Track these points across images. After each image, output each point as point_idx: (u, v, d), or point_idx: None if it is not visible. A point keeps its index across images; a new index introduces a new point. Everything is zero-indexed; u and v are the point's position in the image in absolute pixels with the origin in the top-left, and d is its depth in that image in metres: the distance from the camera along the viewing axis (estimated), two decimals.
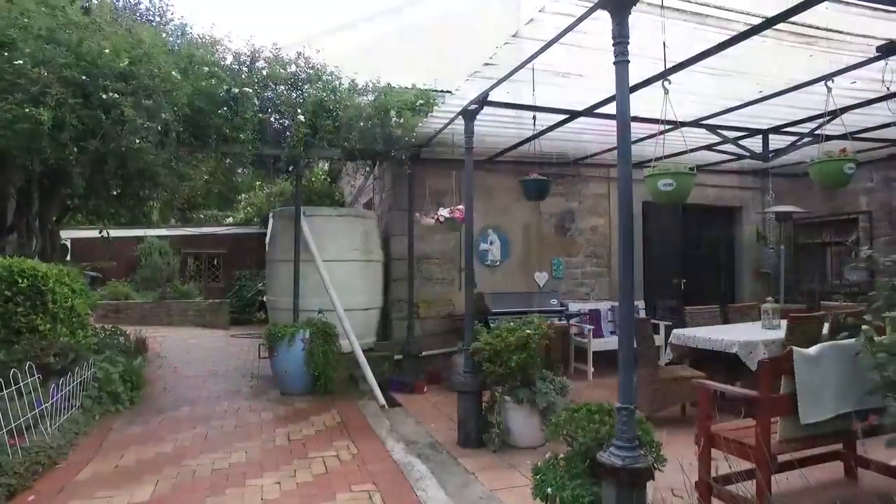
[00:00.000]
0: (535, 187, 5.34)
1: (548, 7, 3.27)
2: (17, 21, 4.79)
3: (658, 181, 3.09)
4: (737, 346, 5.22)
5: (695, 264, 9.46)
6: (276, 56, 6.36)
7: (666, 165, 3.27)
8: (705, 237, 9.74)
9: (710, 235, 9.80)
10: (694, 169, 3.20)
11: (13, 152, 4.77)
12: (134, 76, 4.98)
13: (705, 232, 9.72)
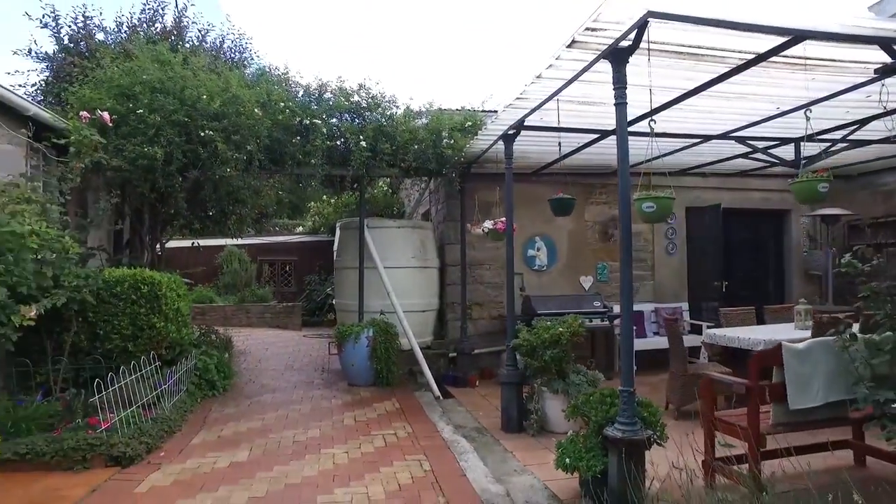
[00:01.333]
0: (559, 204, 5.96)
1: (563, 55, 3.91)
2: (138, 78, 5.89)
3: (642, 204, 3.69)
4: (762, 344, 5.61)
5: (742, 267, 9.69)
6: (340, 88, 7.26)
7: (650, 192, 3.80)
8: (752, 240, 9.95)
9: (758, 238, 10.00)
10: (672, 193, 3.76)
11: (134, 182, 5.87)
12: (225, 115, 5.98)
13: (752, 235, 9.92)
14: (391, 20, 45.41)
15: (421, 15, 41.62)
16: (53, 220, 4.69)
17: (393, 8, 41.44)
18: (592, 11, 3.36)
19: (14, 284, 4.01)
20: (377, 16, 43.36)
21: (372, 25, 44.44)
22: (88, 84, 6.26)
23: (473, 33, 49.75)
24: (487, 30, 47.92)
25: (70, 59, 8.82)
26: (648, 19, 3.30)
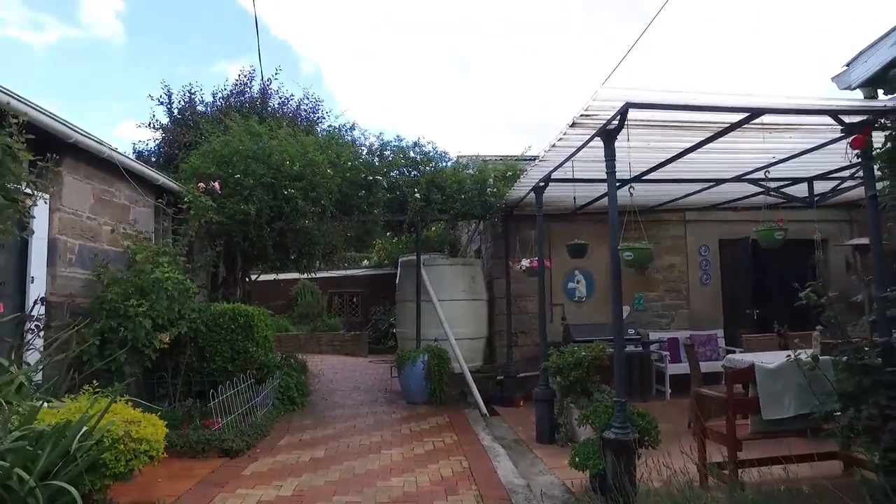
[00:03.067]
0: (574, 249, 6.93)
1: (568, 132, 4.91)
2: (235, 148, 7.36)
3: (623, 252, 4.57)
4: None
5: (778, 296, 10.14)
6: (398, 146, 8.53)
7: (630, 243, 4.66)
8: (789, 269, 10.36)
9: (795, 268, 10.41)
10: (648, 244, 4.63)
11: (232, 233, 7.27)
12: (303, 176, 7.34)
13: (788, 265, 10.35)
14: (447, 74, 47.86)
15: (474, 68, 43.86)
16: (179, 267, 6.06)
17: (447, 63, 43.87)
18: (586, 101, 4.37)
19: (155, 317, 5.36)
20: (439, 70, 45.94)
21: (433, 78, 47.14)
22: (197, 155, 7.79)
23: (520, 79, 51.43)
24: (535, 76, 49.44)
25: (179, 129, 10.65)
26: (628, 108, 4.26)
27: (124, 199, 6.55)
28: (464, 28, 39.76)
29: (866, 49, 4.64)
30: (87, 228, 5.88)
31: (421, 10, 39.58)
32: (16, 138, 3.97)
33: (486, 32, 42.00)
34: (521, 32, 45.95)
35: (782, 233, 4.96)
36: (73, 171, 5.61)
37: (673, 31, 38.55)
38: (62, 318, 5.26)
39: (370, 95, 48.23)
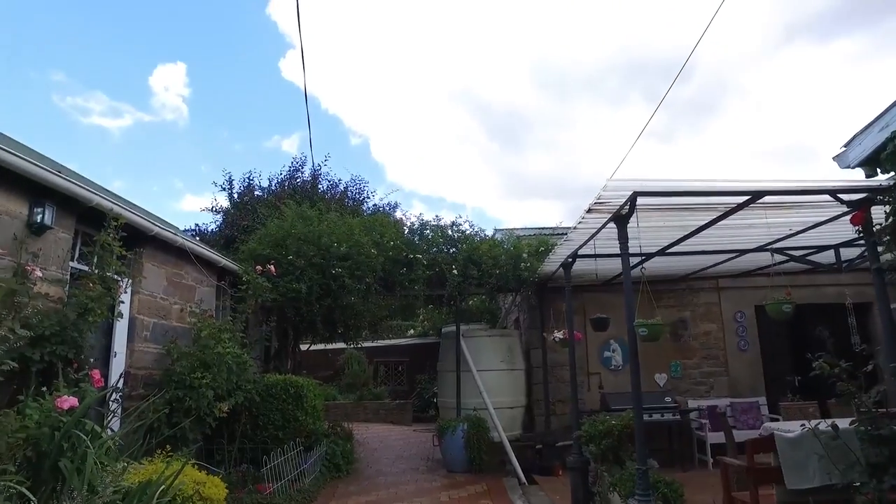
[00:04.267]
0: (598, 322, 7.21)
1: (586, 216, 5.41)
2: (288, 231, 8.16)
3: (638, 329, 4.88)
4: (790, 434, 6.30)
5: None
6: (437, 225, 9.19)
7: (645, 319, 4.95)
8: (832, 334, 10.25)
9: (839, 333, 10.30)
10: (660, 320, 4.95)
11: (285, 310, 7.95)
12: (349, 257, 8.04)
13: (832, 329, 10.24)
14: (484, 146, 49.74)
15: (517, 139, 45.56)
16: (237, 342, 6.70)
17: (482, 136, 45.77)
18: (599, 192, 4.87)
19: (216, 388, 5.96)
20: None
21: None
22: (254, 238, 8.64)
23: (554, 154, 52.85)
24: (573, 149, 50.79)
25: (238, 213, 11.73)
26: (636, 196, 4.75)
27: (191, 281, 7.34)
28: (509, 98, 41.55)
29: (859, 133, 5.02)
30: (161, 308, 6.64)
31: (466, 82, 41.75)
32: (113, 236, 4.78)
33: (531, 104, 43.84)
34: (565, 101, 47.65)
35: (790, 305, 5.21)
36: (151, 258, 6.44)
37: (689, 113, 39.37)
38: (137, 388, 5.93)
39: (417, 163, 50.39)
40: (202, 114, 39.72)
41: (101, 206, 4.95)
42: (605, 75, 38.29)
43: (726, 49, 32.40)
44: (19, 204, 4.45)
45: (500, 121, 43.96)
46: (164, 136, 39.10)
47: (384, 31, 39.16)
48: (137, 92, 39.19)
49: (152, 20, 34.30)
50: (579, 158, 49.99)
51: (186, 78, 39.33)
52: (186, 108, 39.32)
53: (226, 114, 42.59)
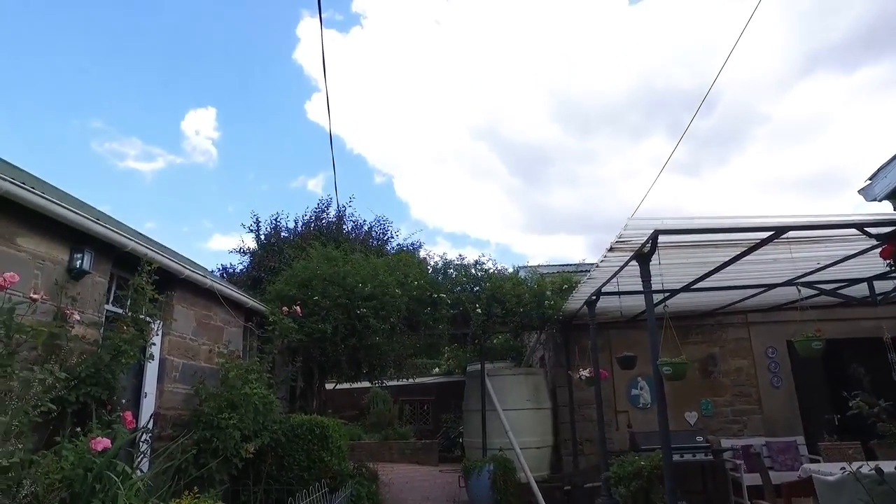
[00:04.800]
0: (624, 361, 7.11)
1: (608, 255, 5.43)
2: (314, 273, 8.31)
3: (662, 367, 4.83)
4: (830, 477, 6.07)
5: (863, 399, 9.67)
6: (461, 264, 9.26)
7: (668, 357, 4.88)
8: (871, 371, 9.91)
9: (879, 369, 9.96)
10: (685, 359, 4.89)
11: (310, 350, 8.03)
12: (374, 297, 8.12)
13: (869, 364, 9.91)
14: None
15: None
16: (264, 382, 6.78)
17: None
18: (620, 231, 4.90)
19: (242, 429, 6.01)
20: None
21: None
22: (281, 279, 8.80)
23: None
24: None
25: (265, 254, 12.01)
26: (657, 234, 4.76)
27: (220, 322, 7.49)
28: (531, 137, 42.02)
29: (884, 165, 4.98)
30: (189, 348, 6.77)
31: (487, 119, 42.36)
32: (146, 280, 4.95)
33: (553, 141, 44.25)
34: (587, 136, 47.97)
35: (820, 343, 5.10)
36: (181, 300, 6.61)
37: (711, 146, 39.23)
38: (166, 428, 6.02)
39: (440, 201, 50.94)
40: (230, 156, 41.07)
41: (136, 251, 5.15)
42: (627, 109, 38.56)
43: (748, 79, 32.47)
44: (61, 250, 4.66)
45: (521, 156, 44.35)
46: (194, 178, 40.43)
47: (406, 72, 40.20)
48: (170, 136, 40.79)
49: (185, 67, 35.90)
50: (602, 192, 50.02)
51: (216, 122, 40.84)
52: (216, 151, 40.70)
53: (253, 155, 43.94)
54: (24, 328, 3.71)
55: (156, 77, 34.53)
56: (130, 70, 31.81)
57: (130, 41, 32.81)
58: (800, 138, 49.30)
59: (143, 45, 33.79)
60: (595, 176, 47.29)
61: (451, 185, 49.87)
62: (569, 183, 50.66)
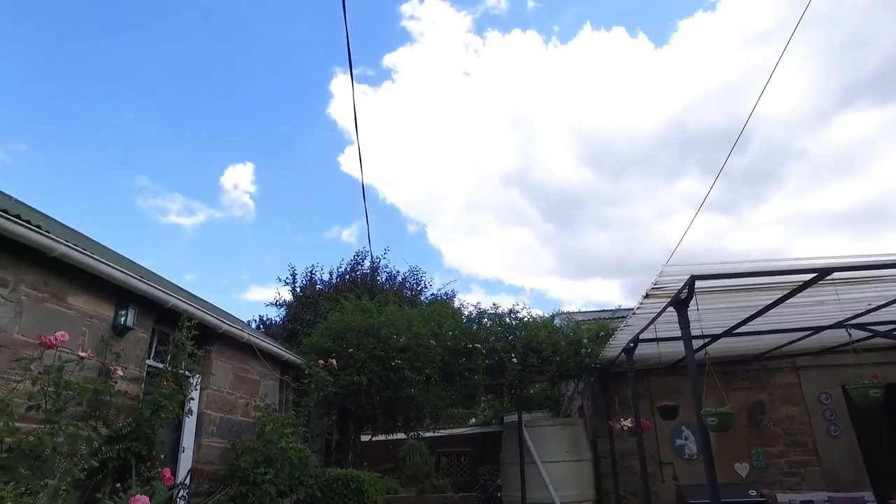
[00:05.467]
0: (666, 411, 6.84)
1: (644, 302, 5.32)
2: (349, 324, 8.37)
3: (706, 418, 4.63)
4: None
5: None
6: (495, 313, 9.20)
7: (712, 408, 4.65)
8: None
9: None
10: (729, 408, 4.69)
11: (345, 403, 8.01)
12: (409, 348, 8.11)
13: None
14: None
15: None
16: (300, 436, 6.76)
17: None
18: (656, 277, 4.82)
19: (278, 484, 5.97)
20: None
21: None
22: (316, 332, 8.88)
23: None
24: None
25: (301, 306, 12.20)
26: (694, 280, 4.66)
27: (256, 375, 7.56)
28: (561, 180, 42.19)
29: None
30: (227, 402, 6.83)
31: (518, 165, 42.80)
32: (186, 335, 5.07)
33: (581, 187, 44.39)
34: (619, 178, 47.97)
35: (878, 390, 4.83)
36: (219, 354, 6.71)
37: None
38: (203, 484, 6.02)
39: (473, 248, 51.08)
40: (267, 208, 42.31)
41: (177, 307, 5.29)
42: (658, 150, 38.51)
43: (781, 115, 32.15)
44: (107, 307, 4.83)
45: (553, 201, 44.44)
46: (232, 231, 41.70)
47: (436, 122, 41.22)
48: (210, 191, 42.39)
49: (225, 124, 37.61)
50: (637, 234, 49.45)
51: (254, 176, 42.33)
52: (253, 204, 42.03)
53: (289, 207, 45.23)
54: (71, 385, 3.82)
55: (197, 134, 36.24)
56: (174, 127, 33.48)
57: (174, 100, 34.65)
58: (841, 172, 48.15)
59: (186, 103, 35.64)
60: (629, 218, 46.88)
61: (484, 232, 50.11)
62: (602, 226, 50.31)
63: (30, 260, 4.06)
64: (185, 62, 31.93)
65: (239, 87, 36.05)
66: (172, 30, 30.79)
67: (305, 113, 41.31)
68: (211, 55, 32.78)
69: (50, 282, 4.27)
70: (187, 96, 34.44)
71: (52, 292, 4.28)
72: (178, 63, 31.68)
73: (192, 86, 32.32)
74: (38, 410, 3.65)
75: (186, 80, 31.93)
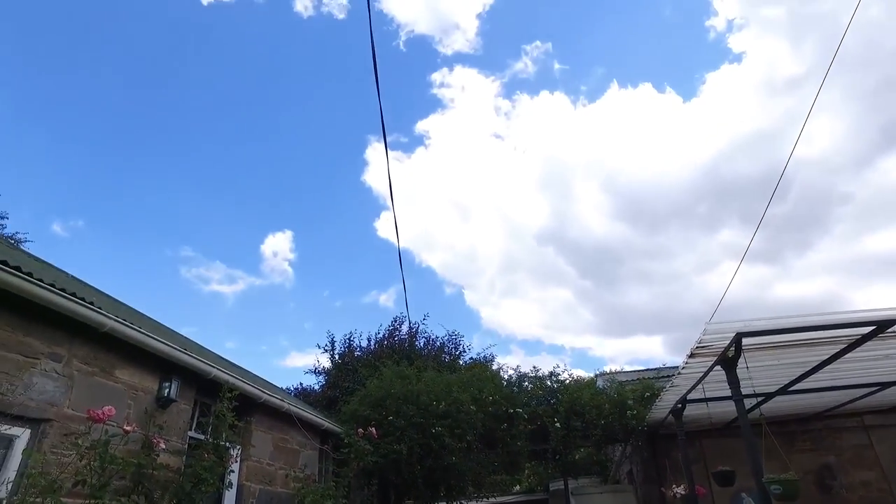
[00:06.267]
0: (722, 477, 6.46)
1: (689, 362, 5.14)
2: (388, 391, 8.29)
3: (770, 485, 4.34)
4: None
5: None
6: (536, 376, 9.02)
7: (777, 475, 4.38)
8: None
9: None
10: (794, 475, 4.39)
11: (386, 472, 7.82)
12: (449, 415, 7.96)
13: None
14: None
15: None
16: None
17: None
18: (700, 335, 4.67)
19: None
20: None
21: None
22: (355, 400, 8.82)
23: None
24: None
25: (339, 374, 12.19)
26: (741, 338, 4.50)
27: (296, 445, 7.49)
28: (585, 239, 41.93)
29: None
30: (266, 473, 6.75)
31: (552, 223, 42.81)
32: (227, 406, 5.10)
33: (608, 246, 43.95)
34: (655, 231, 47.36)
35: None
36: (259, 424, 6.71)
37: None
38: None
39: (510, 308, 50.59)
40: (306, 275, 43.14)
41: (219, 378, 5.36)
42: (694, 201, 38.05)
43: (820, 160, 31.58)
44: (151, 380, 4.92)
45: (590, 257, 44.04)
46: (272, 298, 42.47)
47: (469, 184, 41.91)
48: (250, 259, 43.58)
49: (265, 194, 39.04)
50: (678, 287, 48.28)
51: (292, 243, 43.46)
52: (292, 271, 42.95)
53: (327, 273, 46.04)
54: (116, 459, 3.86)
55: (238, 203, 37.66)
56: (217, 198, 34.89)
57: (217, 170, 36.22)
58: (892, 215, 46.48)
59: (226, 174, 37.21)
60: (669, 271, 45.90)
61: (521, 292, 49.73)
62: (642, 280, 49.35)
63: (83, 335, 4.21)
64: (225, 133, 33.62)
65: (278, 158, 37.65)
66: (213, 103, 32.66)
67: (342, 181, 42.69)
68: (249, 126, 34.49)
69: (99, 356, 4.40)
70: (228, 166, 36.08)
71: (100, 366, 4.40)
72: (219, 133, 33.39)
73: (232, 156, 33.93)
74: (84, 486, 3.68)
75: (227, 151, 33.55)
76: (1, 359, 3.60)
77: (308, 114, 36.10)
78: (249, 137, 33.70)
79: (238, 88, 32.84)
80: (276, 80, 33.52)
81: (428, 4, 28.75)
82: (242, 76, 31.68)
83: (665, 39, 37.45)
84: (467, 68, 42.80)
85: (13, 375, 3.62)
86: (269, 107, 33.72)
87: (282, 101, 34.00)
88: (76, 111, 28.72)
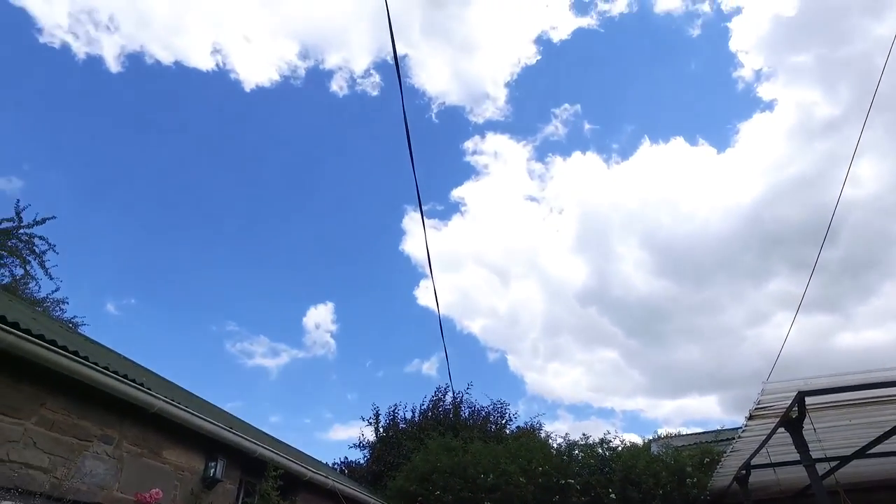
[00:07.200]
0: None
1: (749, 424, 4.86)
2: (433, 465, 8.07)
3: None
4: None
5: None
6: (586, 444, 8.65)
7: None
8: None
9: None
10: None
11: None
12: (497, 488, 7.67)
13: None
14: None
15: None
16: None
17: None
18: (757, 396, 4.44)
19: None
20: None
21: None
22: (401, 475, 8.61)
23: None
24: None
25: (383, 447, 11.98)
26: (803, 397, 4.25)
27: None
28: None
29: None
30: None
31: (593, 283, 42.13)
32: (272, 485, 5.04)
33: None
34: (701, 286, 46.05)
35: None
36: (304, 502, 6.58)
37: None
38: None
39: (556, 373, 49.24)
40: (348, 346, 43.20)
41: (263, 457, 5.33)
42: (739, 251, 37.08)
43: (868, 199, 30.58)
44: (197, 459, 4.92)
45: (635, 316, 42.89)
46: (315, 371, 42.49)
47: (507, 248, 41.95)
48: (293, 332, 44.00)
49: (306, 267, 39.86)
50: (731, 342, 46.25)
51: (334, 314, 43.86)
52: (334, 343, 43.15)
53: (369, 343, 46.03)
54: None
55: (280, 277, 38.47)
56: (259, 273, 35.74)
57: (258, 246, 37.28)
58: None
59: (269, 248, 38.24)
60: (719, 326, 44.19)
61: (566, 355, 48.49)
62: (691, 337, 47.63)
63: (132, 416, 4.28)
64: (267, 209, 34.81)
65: (319, 231, 38.70)
66: (254, 181, 34.02)
67: (380, 251, 43.40)
68: (289, 201, 35.69)
69: (148, 436, 4.45)
70: (271, 241, 37.14)
71: (149, 447, 4.44)
72: (261, 209, 34.60)
73: (275, 230, 35.02)
74: None
75: (269, 226, 34.65)
76: (56, 442, 3.67)
77: (345, 187, 37.30)
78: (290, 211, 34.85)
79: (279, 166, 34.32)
80: (315, 156, 34.94)
81: (458, 76, 29.89)
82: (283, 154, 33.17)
83: (693, 93, 37.75)
84: (499, 135, 43.86)
85: (68, 459, 3.68)
86: (308, 181, 35.04)
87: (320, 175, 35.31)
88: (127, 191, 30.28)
